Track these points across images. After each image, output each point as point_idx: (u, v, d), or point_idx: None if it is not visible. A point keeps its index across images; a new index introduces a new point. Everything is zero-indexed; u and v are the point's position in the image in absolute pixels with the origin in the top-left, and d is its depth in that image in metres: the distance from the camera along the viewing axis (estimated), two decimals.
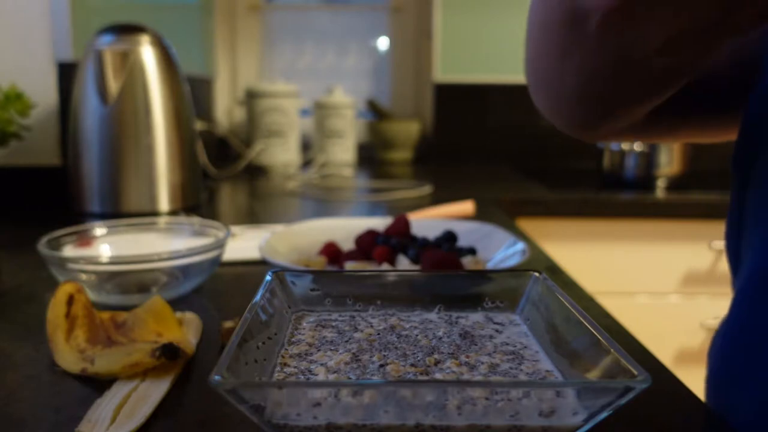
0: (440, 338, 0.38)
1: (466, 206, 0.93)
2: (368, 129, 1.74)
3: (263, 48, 1.85)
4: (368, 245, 0.65)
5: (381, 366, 0.34)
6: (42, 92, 1.02)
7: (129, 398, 0.40)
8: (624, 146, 1.36)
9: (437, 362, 0.35)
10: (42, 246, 0.58)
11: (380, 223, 0.73)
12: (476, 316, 0.41)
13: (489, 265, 0.63)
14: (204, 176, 1.18)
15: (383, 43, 1.87)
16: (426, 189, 1.23)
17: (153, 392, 0.40)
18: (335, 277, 0.44)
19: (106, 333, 0.48)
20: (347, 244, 0.69)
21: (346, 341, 0.38)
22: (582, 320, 0.35)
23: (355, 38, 1.87)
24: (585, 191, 1.31)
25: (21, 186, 1.04)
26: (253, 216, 1.05)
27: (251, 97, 1.60)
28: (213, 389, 0.28)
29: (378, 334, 0.38)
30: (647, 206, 1.22)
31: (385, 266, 0.62)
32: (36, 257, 0.59)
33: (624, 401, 0.29)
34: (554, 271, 0.70)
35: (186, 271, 0.59)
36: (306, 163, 1.63)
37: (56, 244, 0.62)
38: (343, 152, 1.64)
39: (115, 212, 0.95)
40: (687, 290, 1.24)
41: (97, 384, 0.42)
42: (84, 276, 0.57)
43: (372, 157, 1.74)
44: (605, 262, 1.23)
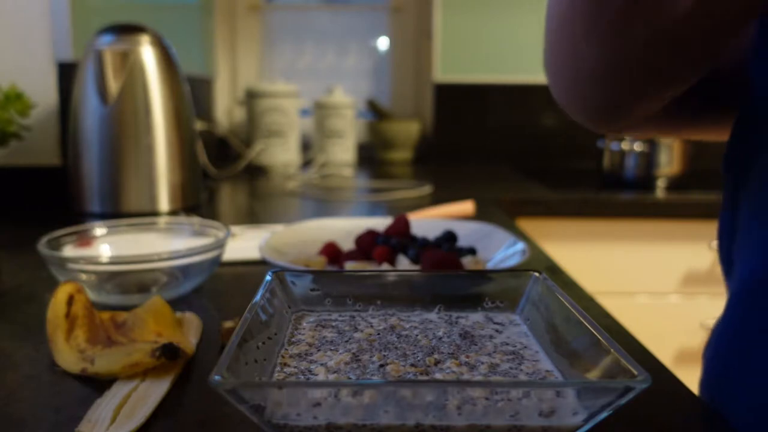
0: (440, 338, 0.38)
1: (466, 206, 0.93)
2: (368, 129, 1.74)
3: (263, 48, 1.85)
4: (368, 245, 0.65)
5: (381, 366, 0.34)
6: (42, 92, 1.02)
7: (129, 398, 0.40)
8: (624, 146, 1.36)
9: (437, 362, 0.35)
10: (42, 246, 0.58)
11: (380, 223, 0.73)
12: (476, 316, 0.41)
13: (489, 265, 0.63)
14: (204, 176, 1.18)
15: (383, 43, 1.87)
16: (426, 189, 1.23)
17: (153, 392, 0.40)
18: (335, 277, 0.44)
19: (106, 333, 0.48)
20: (347, 244, 0.69)
21: (346, 341, 0.38)
22: (582, 320, 0.35)
23: (355, 38, 1.87)
24: (585, 191, 1.31)
25: (21, 186, 1.04)
26: (253, 216, 1.05)
27: (251, 97, 1.60)
28: (213, 389, 0.28)
29: (378, 334, 0.38)
30: (647, 206, 1.22)
31: (385, 266, 0.62)
32: (36, 257, 0.59)
33: (624, 401, 0.29)
34: (554, 271, 0.70)
35: (186, 271, 0.59)
36: (306, 163, 1.63)
37: (56, 244, 0.62)
38: (343, 152, 1.64)
39: (115, 212, 0.95)
40: (687, 290, 1.24)
41: (97, 384, 0.42)
42: (84, 276, 0.57)
43: (372, 157, 1.74)
44: (605, 262, 1.23)
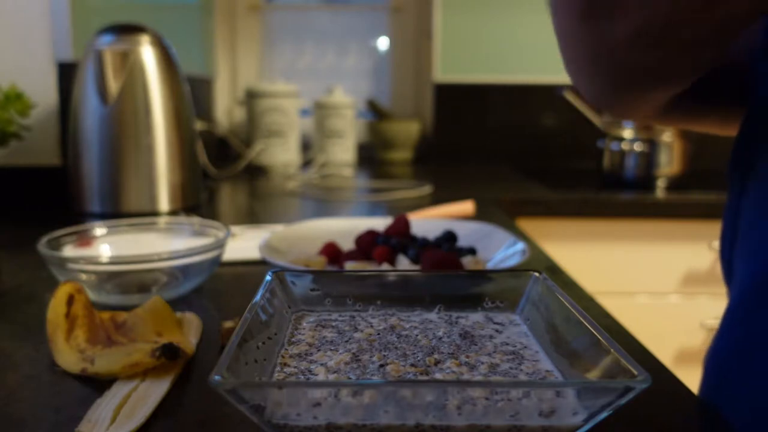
0: (440, 338, 0.38)
1: (466, 206, 0.93)
2: (368, 129, 1.74)
3: (263, 48, 1.85)
4: (368, 245, 0.65)
5: (381, 366, 0.34)
6: (42, 92, 1.02)
7: (129, 398, 0.40)
8: (624, 146, 1.36)
9: (437, 362, 0.35)
10: (42, 246, 0.58)
11: (380, 223, 0.73)
12: (476, 316, 0.41)
13: (489, 265, 0.63)
14: (204, 176, 1.18)
15: (383, 43, 1.87)
16: (426, 189, 1.23)
17: (153, 392, 0.40)
18: (335, 277, 0.44)
19: (106, 333, 0.48)
20: (347, 244, 0.69)
21: (346, 341, 0.38)
22: (582, 320, 0.35)
23: (355, 38, 1.87)
24: (585, 191, 1.31)
25: (21, 186, 1.04)
26: (253, 216, 1.05)
27: (251, 97, 1.60)
28: (213, 389, 0.28)
29: (378, 334, 0.38)
30: (647, 206, 1.22)
31: (385, 266, 0.62)
32: (36, 257, 0.59)
33: (624, 401, 0.29)
34: (554, 271, 0.70)
35: (186, 271, 0.59)
36: (306, 163, 1.63)
37: (56, 244, 0.62)
38: (343, 152, 1.64)
39: (115, 212, 0.95)
40: (687, 290, 1.23)
41: (97, 384, 0.42)
42: (84, 276, 0.57)
43: (372, 157, 1.74)
44: (605, 262, 1.23)
